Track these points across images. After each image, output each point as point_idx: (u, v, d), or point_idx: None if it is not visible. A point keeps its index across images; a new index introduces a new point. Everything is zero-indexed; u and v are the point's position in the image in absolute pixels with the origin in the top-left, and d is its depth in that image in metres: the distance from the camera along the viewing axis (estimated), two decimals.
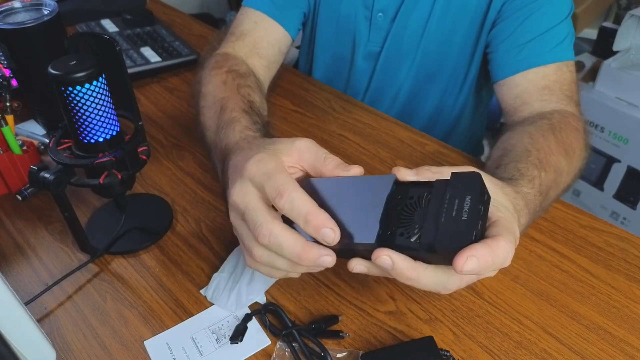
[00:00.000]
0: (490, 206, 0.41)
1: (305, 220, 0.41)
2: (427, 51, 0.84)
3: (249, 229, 0.44)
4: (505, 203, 0.44)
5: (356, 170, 0.44)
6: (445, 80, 0.88)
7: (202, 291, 0.56)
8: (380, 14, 0.84)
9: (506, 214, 0.42)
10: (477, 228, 0.38)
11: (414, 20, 0.82)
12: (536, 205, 0.51)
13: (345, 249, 0.42)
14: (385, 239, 0.40)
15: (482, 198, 0.39)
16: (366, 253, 0.41)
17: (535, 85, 0.71)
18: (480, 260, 0.36)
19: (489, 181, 0.44)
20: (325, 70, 0.97)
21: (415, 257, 0.40)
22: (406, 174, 0.42)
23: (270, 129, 0.62)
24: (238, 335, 0.50)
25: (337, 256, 0.43)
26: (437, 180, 0.41)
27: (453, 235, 0.37)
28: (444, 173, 0.42)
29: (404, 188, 0.42)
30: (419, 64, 0.86)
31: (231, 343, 0.49)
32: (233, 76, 0.70)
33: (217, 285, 0.55)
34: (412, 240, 0.39)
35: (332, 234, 0.40)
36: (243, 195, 0.44)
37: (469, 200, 0.38)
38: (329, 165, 0.45)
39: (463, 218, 0.38)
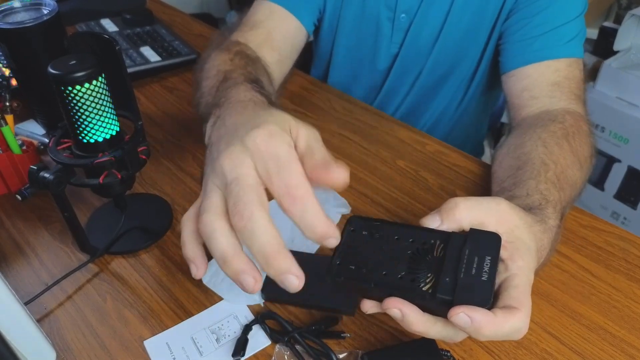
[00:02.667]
0: (514, 248, 0.41)
1: (312, 231, 0.37)
2: (443, 49, 0.84)
3: (219, 200, 0.38)
4: (530, 244, 0.43)
5: (339, 173, 0.39)
6: (458, 79, 0.87)
7: None
8: (403, 14, 0.83)
9: (525, 262, 0.41)
10: (494, 289, 0.38)
11: (432, 17, 0.81)
12: (558, 236, 0.50)
13: (364, 286, 0.41)
14: (395, 282, 0.40)
15: (498, 260, 0.39)
16: (380, 296, 0.41)
17: (545, 79, 0.70)
18: (474, 324, 0.36)
19: (518, 218, 0.43)
20: (344, 74, 0.96)
21: (421, 304, 0.39)
22: (431, 222, 0.43)
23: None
24: (240, 350, 0.49)
25: (347, 289, 0.43)
26: (453, 232, 0.42)
27: (473, 294, 0.37)
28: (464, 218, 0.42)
29: (416, 231, 0.42)
30: (433, 62, 0.86)
31: (234, 358, 0.49)
32: (241, 56, 0.67)
33: (217, 272, 0.55)
34: (424, 289, 0.39)
35: (334, 241, 0.37)
36: (236, 165, 0.37)
37: (489, 261, 0.38)
38: (312, 161, 0.39)
39: (483, 278, 0.38)
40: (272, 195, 0.37)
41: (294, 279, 0.36)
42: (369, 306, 0.42)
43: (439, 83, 0.89)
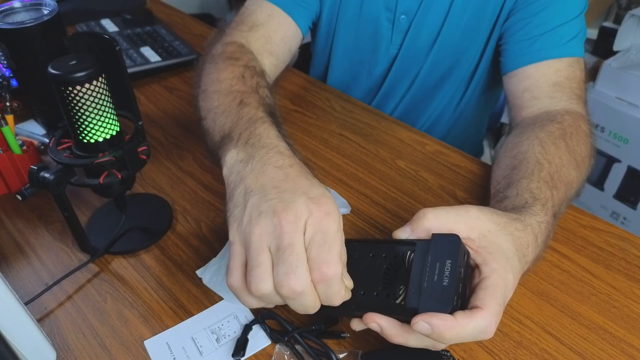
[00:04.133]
0: (487, 253, 0.42)
1: (329, 303, 0.42)
2: (442, 49, 0.84)
3: (270, 261, 0.41)
4: (505, 246, 0.43)
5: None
6: (457, 80, 0.87)
7: (198, 272, 0.56)
8: (403, 16, 0.83)
9: (499, 264, 0.42)
10: (458, 292, 0.39)
11: (431, 18, 0.81)
12: (549, 232, 0.50)
13: (346, 309, 0.44)
14: (372, 300, 0.42)
15: (462, 261, 0.40)
16: (362, 314, 0.43)
17: (546, 80, 0.70)
18: (435, 330, 0.38)
19: (490, 222, 0.44)
20: (342, 75, 0.96)
21: (398, 317, 0.42)
22: (402, 234, 0.45)
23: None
24: (240, 350, 0.49)
25: (337, 312, 0.45)
26: (419, 240, 0.43)
27: (435, 300, 0.39)
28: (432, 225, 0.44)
29: (387, 246, 0.44)
30: (432, 63, 0.86)
31: (234, 358, 0.49)
32: (251, 73, 0.66)
33: (217, 272, 0.55)
34: (397, 302, 0.41)
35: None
36: (294, 231, 0.41)
37: (449, 265, 0.40)
38: None
39: (444, 283, 0.39)
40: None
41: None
42: (356, 324, 0.45)
43: (437, 84, 0.89)
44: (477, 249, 0.43)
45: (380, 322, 0.41)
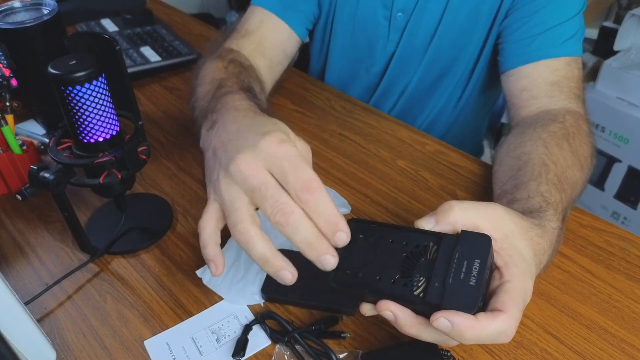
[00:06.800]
0: (508, 256, 0.41)
1: (327, 220, 0.40)
2: (439, 47, 0.84)
3: (248, 211, 0.42)
4: (524, 251, 0.43)
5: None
6: (454, 78, 0.87)
7: (198, 272, 0.56)
8: (400, 13, 0.83)
9: (520, 269, 0.41)
10: (483, 294, 0.38)
11: (428, 16, 0.81)
12: (560, 237, 0.50)
13: (358, 293, 0.43)
14: (388, 287, 0.41)
15: (489, 263, 0.39)
16: (375, 300, 0.42)
17: (544, 79, 0.70)
18: (456, 328, 0.37)
19: (513, 224, 0.44)
20: (339, 74, 0.96)
21: (413, 308, 0.40)
22: (426, 224, 0.43)
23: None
24: (240, 350, 0.49)
25: (344, 294, 0.44)
26: (445, 234, 0.42)
27: (460, 299, 0.38)
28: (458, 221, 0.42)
29: (410, 234, 0.43)
30: (430, 61, 0.86)
31: (234, 358, 0.49)
32: (235, 65, 0.69)
33: None
34: (415, 293, 0.40)
35: (345, 237, 0.41)
36: (257, 170, 0.42)
37: (478, 265, 0.39)
38: None
39: (471, 283, 0.38)
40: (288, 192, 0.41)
41: (331, 259, 0.40)
42: (366, 309, 0.44)
43: (435, 82, 0.89)
44: (499, 250, 0.42)
45: (395, 311, 0.40)
